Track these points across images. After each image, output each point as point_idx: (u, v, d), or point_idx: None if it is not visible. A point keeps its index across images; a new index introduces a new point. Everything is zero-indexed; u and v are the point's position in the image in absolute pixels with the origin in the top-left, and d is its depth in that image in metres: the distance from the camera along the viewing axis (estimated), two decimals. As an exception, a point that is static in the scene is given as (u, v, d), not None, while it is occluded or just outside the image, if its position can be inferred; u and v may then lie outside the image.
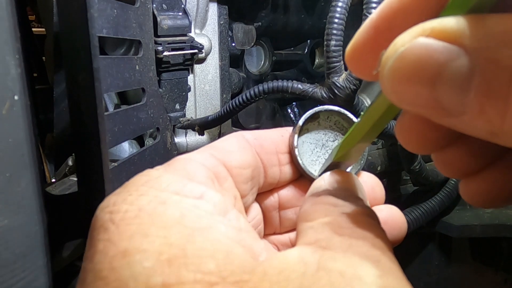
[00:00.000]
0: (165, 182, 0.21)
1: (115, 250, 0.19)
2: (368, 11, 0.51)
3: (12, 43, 0.23)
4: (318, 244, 0.21)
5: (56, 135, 0.57)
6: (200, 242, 0.19)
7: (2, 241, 0.24)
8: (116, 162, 0.41)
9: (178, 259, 0.18)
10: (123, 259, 0.18)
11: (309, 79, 0.89)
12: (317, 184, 0.27)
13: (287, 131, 0.31)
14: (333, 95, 0.54)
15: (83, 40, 0.29)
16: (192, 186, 0.22)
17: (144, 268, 0.18)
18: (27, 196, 0.24)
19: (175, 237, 0.19)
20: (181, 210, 0.20)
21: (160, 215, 0.20)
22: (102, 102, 0.31)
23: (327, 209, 0.23)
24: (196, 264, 0.18)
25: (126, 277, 0.18)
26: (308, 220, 0.23)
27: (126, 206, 0.20)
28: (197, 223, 0.20)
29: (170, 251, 0.18)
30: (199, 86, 0.63)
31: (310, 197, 0.26)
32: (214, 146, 0.26)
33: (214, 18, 0.63)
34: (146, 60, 0.49)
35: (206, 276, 0.18)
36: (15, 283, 0.24)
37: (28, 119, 0.24)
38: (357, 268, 0.19)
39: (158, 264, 0.18)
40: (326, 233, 0.21)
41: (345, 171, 0.28)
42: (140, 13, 0.47)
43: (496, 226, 0.95)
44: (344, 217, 0.22)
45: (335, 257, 0.19)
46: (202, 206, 0.21)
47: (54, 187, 0.45)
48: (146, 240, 0.19)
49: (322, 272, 0.18)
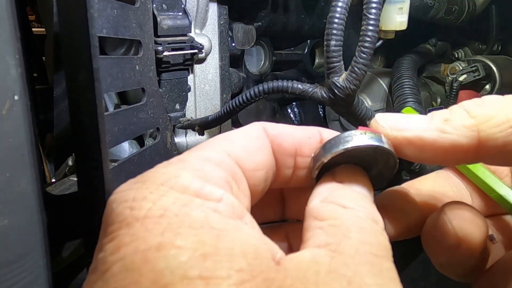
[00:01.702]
0: (185, 183, 0.22)
1: (147, 245, 0.19)
2: (368, 11, 0.51)
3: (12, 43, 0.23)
4: (328, 248, 0.22)
5: (56, 135, 0.57)
6: (230, 241, 0.20)
7: (2, 241, 0.24)
8: (116, 162, 0.41)
9: (212, 256, 0.19)
10: (158, 253, 0.19)
11: (309, 79, 0.89)
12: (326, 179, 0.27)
13: (318, 133, 0.29)
14: (333, 95, 0.54)
15: (83, 40, 0.29)
16: (211, 189, 0.22)
17: (180, 262, 0.18)
18: (27, 196, 0.24)
19: (205, 236, 0.20)
20: (205, 213, 0.21)
21: (187, 215, 0.20)
22: (102, 102, 0.31)
23: (336, 210, 0.24)
24: (229, 262, 0.19)
25: (162, 268, 0.18)
26: (317, 218, 0.24)
27: (149, 204, 0.21)
28: (223, 225, 0.20)
29: (203, 248, 0.19)
30: (199, 86, 0.63)
31: (318, 190, 0.26)
32: (231, 140, 0.26)
33: (214, 18, 0.63)
34: (146, 60, 0.49)
35: (239, 274, 0.19)
36: (15, 283, 0.24)
37: (28, 119, 0.24)
38: (363, 277, 0.20)
39: (194, 259, 0.19)
40: (336, 237, 0.22)
41: (354, 166, 0.28)
42: (140, 13, 0.47)
43: (496, 226, 0.95)
44: (353, 220, 0.23)
45: (344, 262, 0.21)
46: (221, 209, 0.21)
47: (54, 187, 0.45)
48: (180, 237, 0.19)
49: (334, 275, 0.20)
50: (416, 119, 0.27)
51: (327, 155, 0.26)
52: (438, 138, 0.26)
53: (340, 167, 0.28)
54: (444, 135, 0.26)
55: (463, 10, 0.90)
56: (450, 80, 0.95)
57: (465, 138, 0.25)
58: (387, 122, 0.28)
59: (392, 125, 0.27)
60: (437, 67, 1.01)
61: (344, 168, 0.28)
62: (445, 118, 0.26)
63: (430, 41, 0.99)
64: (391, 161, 0.28)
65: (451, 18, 0.88)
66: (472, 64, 0.96)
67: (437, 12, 0.83)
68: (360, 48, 0.52)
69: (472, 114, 0.26)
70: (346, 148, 0.26)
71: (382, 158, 0.28)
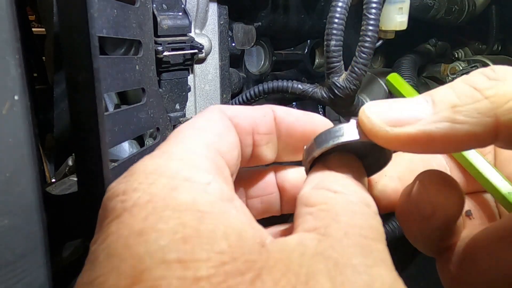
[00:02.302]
0: (175, 169, 0.22)
1: (129, 230, 0.19)
2: (368, 11, 0.51)
3: (12, 43, 0.23)
4: (316, 231, 0.21)
5: (56, 135, 0.57)
6: (213, 224, 0.20)
7: (2, 241, 0.24)
8: (116, 162, 0.41)
9: (192, 239, 0.19)
10: (139, 238, 0.19)
11: (309, 79, 0.89)
12: (318, 168, 0.27)
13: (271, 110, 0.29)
14: (333, 95, 0.54)
15: (83, 40, 0.29)
16: (200, 173, 0.22)
17: (160, 246, 0.18)
18: (27, 196, 0.24)
19: (188, 218, 0.19)
20: (193, 195, 0.21)
21: (173, 199, 0.20)
22: (102, 102, 0.31)
23: (326, 195, 0.24)
24: (210, 244, 0.19)
25: (142, 253, 0.18)
26: (307, 204, 0.23)
27: (139, 194, 0.21)
28: (209, 207, 0.20)
29: (184, 231, 0.19)
30: (199, 86, 0.63)
31: (310, 179, 0.26)
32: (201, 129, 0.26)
33: (214, 18, 0.63)
34: (146, 60, 0.49)
35: (219, 256, 0.18)
36: (15, 283, 0.24)
37: (28, 119, 0.24)
38: (351, 258, 0.20)
39: (173, 242, 0.19)
40: (325, 220, 0.22)
41: (346, 155, 0.27)
42: (140, 13, 0.47)
43: (496, 226, 0.95)
44: (343, 204, 0.23)
45: (332, 245, 0.20)
46: (211, 192, 0.21)
47: (54, 187, 0.45)
48: (161, 221, 0.19)
49: (320, 257, 0.20)
50: (416, 107, 0.23)
51: (318, 150, 0.26)
52: (449, 131, 0.22)
53: (332, 155, 0.27)
54: (456, 127, 0.22)
55: (463, 10, 0.90)
56: (450, 80, 0.95)
57: (482, 126, 0.21)
58: (380, 115, 0.24)
59: (387, 119, 0.23)
60: (437, 67, 1.01)
61: (337, 156, 0.27)
62: (452, 103, 0.22)
63: (430, 41, 0.99)
64: (387, 152, 0.28)
65: (451, 18, 0.88)
66: (472, 64, 0.96)
67: (437, 12, 0.83)
68: (360, 48, 0.52)
69: (485, 94, 0.21)
70: (336, 144, 0.26)
71: (377, 149, 0.27)
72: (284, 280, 0.19)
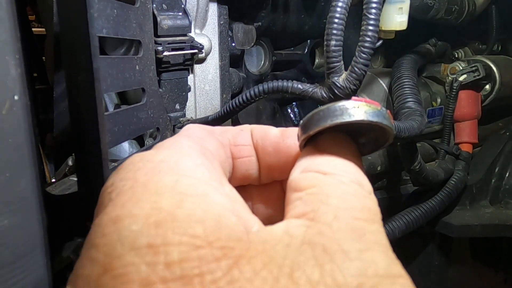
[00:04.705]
0: (162, 155, 0.22)
1: (107, 219, 0.19)
2: (368, 11, 0.51)
3: (12, 43, 0.23)
4: (305, 217, 0.20)
5: (56, 135, 0.57)
6: (191, 207, 0.19)
7: (2, 241, 0.24)
8: (116, 162, 0.41)
9: (166, 223, 0.18)
10: (113, 225, 0.19)
11: (309, 79, 0.89)
12: (308, 150, 0.26)
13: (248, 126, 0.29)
14: (333, 95, 0.54)
15: (83, 40, 0.29)
16: (190, 158, 0.22)
17: (131, 231, 0.18)
18: (27, 196, 0.24)
19: (165, 202, 0.19)
20: (177, 177, 0.20)
21: (155, 182, 0.20)
22: (102, 102, 0.31)
23: (316, 177, 0.23)
24: (184, 228, 0.18)
25: (114, 241, 0.18)
26: (296, 189, 0.23)
27: (123, 182, 0.21)
28: (191, 190, 0.20)
29: (158, 215, 0.18)
30: (199, 86, 0.63)
31: (299, 162, 0.25)
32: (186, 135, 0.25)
33: (214, 18, 0.63)
34: (146, 60, 0.49)
35: (192, 239, 0.18)
36: (15, 283, 0.24)
37: (28, 119, 0.24)
38: (341, 243, 0.19)
39: (145, 226, 0.18)
40: (314, 204, 0.21)
41: (339, 134, 0.26)
42: (140, 13, 0.47)
43: (496, 226, 0.95)
44: (333, 186, 0.22)
45: (320, 230, 0.19)
46: (199, 173, 0.21)
47: (54, 187, 0.46)
48: (137, 206, 0.19)
49: (306, 246, 0.19)
50: None
51: (314, 127, 0.24)
52: None
53: (323, 135, 0.26)
54: None
55: (463, 10, 0.90)
56: (450, 80, 0.95)
57: None
58: None
59: None
60: (437, 67, 1.00)
61: (328, 137, 0.26)
62: None
63: (430, 41, 0.99)
64: (387, 134, 0.26)
65: (451, 18, 0.88)
66: (472, 64, 0.96)
67: (437, 12, 0.83)
68: (360, 48, 0.52)
69: None
70: (335, 123, 0.24)
71: (376, 129, 0.25)
72: (265, 271, 0.18)
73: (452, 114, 0.94)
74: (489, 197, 1.03)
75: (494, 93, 0.99)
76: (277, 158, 0.29)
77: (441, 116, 0.98)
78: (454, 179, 0.93)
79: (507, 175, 1.04)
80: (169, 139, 0.25)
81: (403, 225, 0.84)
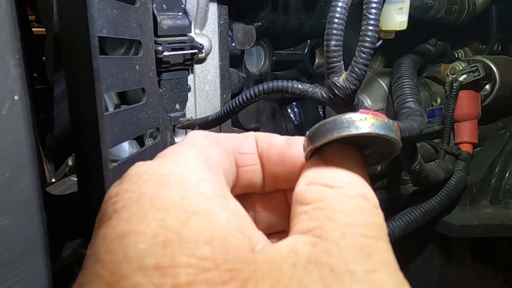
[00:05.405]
0: (167, 168, 0.22)
1: (113, 234, 0.19)
2: (368, 11, 0.51)
3: (12, 43, 0.23)
4: (311, 233, 0.20)
5: (56, 135, 0.57)
6: (198, 227, 0.19)
7: (2, 241, 0.24)
8: (116, 162, 0.41)
9: (173, 243, 0.18)
10: (120, 242, 0.18)
11: (309, 79, 0.89)
12: (314, 161, 0.25)
13: (253, 134, 0.29)
14: (333, 95, 0.54)
15: (83, 40, 0.29)
16: (193, 172, 0.22)
17: (138, 250, 0.18)
18: (27, 196, 0.24)
19: (172, 220, 0.19)
20: (183, 193, 0.20)
21: (161, 197, 0.20)
22: (102, 102, 0.31)
23: (322, 191, 0.22)
24: (191, 249, 0.18)
25: (121, 258, 0.18)
26: (302, 203, 0.22)
27: (129, 194, 0.20)
28: (197, 207, 0.20)
29: (165, 234, 0.18)
30: (199, 86, 0.63)
31: (305, 174, 0.25)
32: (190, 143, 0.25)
33: (214, 18, 0.63)
34: (146, 60, 0.49)
35: (200, 262, 0.18)
36: (14, 283, 0.24)
37: (28, 119, 0.24)
38: (348, 264, 0.18)
39: (153, 246, 0.18)
40: (320, 220, 0.21)
41: (345, 145, 0.26)
42: (140, 13, 0.47)
43: (496, 226, 0.95)
44: (339, 200, 0.21)
45: (327, 249, 0.19)
46: (204, 189, 0.21)
47: (54, 187, 0.46)
48: (143, 222, 0.19)
49: (313, 266, 0.18)
50: None
51: (321, 139, 0.24)
52: None
53: (329, 146, 0.25)
54: None
55: (463, 10, 0.90)
56: (450, 80, 0.95)
57: None
58: None
59: None
60: (437, 67, 1.00)
61: (334, 148, 0.25)
62: None
63: (430, 41, 0.99)
64: (394, 146, 0.26)
65: (451, 18, 0.88)
66: (472, 64, 0.96)
67: (437, 12, 0.83)
68: (360, 48, 0.52)
69: None
70: (342, 136, 0.24)
71: (382, 142, 0.25)
72: None
73: (452, 114, 0.94)
74: (489, 197, 1.03)
75: (494, 93, 0.99)
76: (282, 167, 0.28)
77: (441, 116, 0.98)
78: (454, 179, 0.93)
79: (507, 175, 1.04)
80: (173, 148, 0.25)
81: (403, 225, 0.84)
